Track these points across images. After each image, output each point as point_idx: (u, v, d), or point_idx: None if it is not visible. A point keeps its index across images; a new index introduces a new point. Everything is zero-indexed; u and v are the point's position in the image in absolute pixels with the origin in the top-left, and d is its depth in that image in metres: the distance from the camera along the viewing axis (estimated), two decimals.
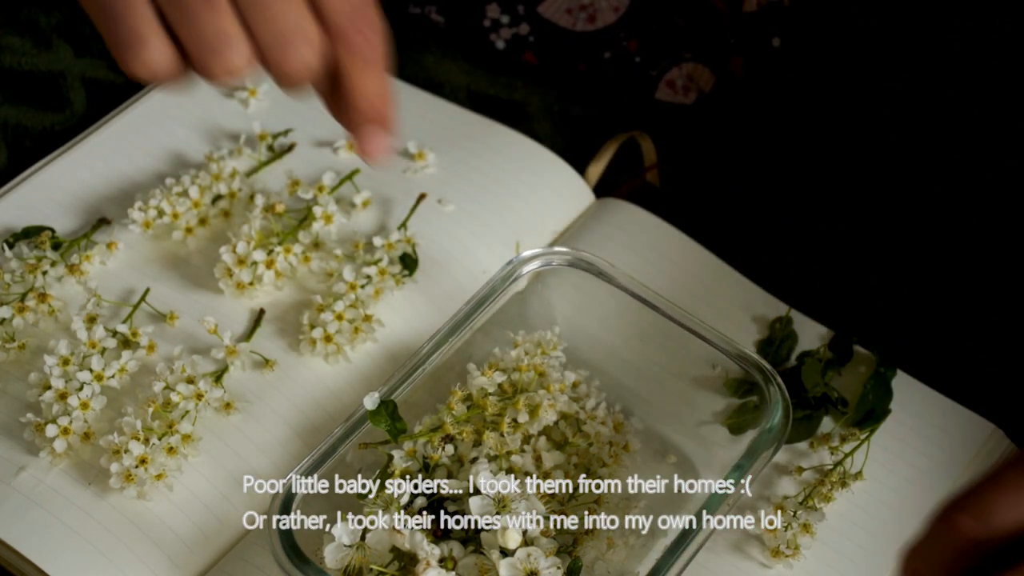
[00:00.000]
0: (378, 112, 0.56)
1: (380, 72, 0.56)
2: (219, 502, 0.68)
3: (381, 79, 0.56)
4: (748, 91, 0.88)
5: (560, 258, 0.72)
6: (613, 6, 0.88)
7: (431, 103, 0.87)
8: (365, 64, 0.55)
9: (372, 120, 0.57)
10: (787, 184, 0.86)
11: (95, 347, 0.71)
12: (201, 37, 0.52)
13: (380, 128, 0.57)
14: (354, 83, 0.56)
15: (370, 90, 0.56)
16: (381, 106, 0.56)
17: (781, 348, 0.76)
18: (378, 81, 0.56)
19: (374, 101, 0.56)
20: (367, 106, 0.56)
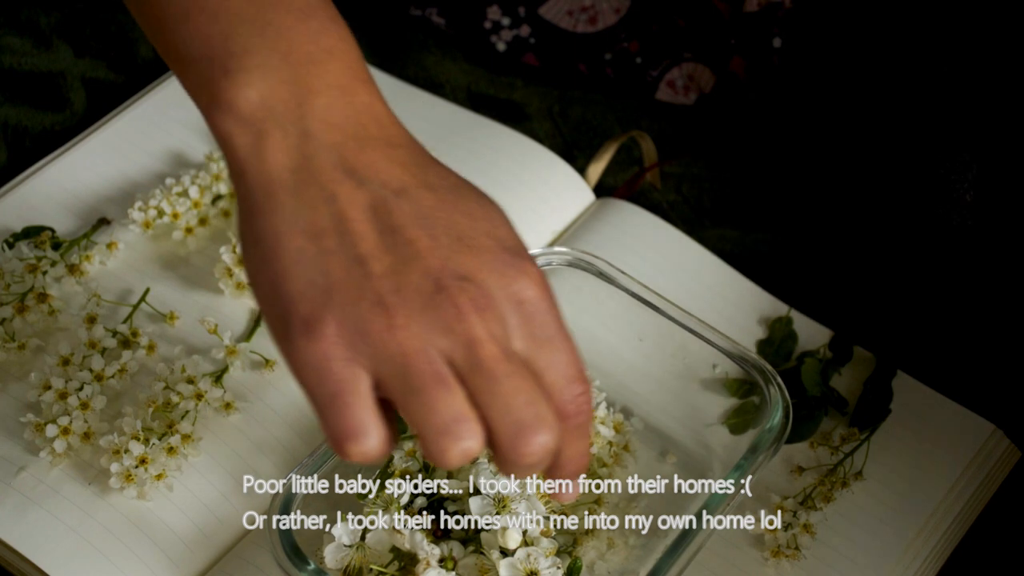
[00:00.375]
0: (581, 469, 0.55)
1: (587, 435, 0.55)
2: (219, 502, 0.68)
3: (586, 440, 0.55)
4: (748, 91, 0.88)
5: (560, 258, 0.72)
6: (614, 7, 0.88)
7: (431, 103, 0.87)
8: (578, 434, 0.54)
9: (572, 477, 0.55)
10: (787, 184, 0.86)
11: (95, 347, 0.71)
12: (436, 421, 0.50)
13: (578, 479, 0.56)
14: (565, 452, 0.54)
15: (578, 453, 0.54)
16: (584, 463, 0.55)
17: (781, 348, 0.76)
18: (585, 443, 0.55)
19: (580, 461, 0.55)
20: (573, 468, 0.55)
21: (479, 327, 0.51)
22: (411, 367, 0.50)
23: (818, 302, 0.79)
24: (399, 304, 0.50)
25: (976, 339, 0.79)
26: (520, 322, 0.52)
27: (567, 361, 0.53)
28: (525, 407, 0.51)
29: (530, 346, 0.52)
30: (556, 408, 0.52)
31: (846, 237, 0.84)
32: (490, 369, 0.50)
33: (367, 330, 0.50)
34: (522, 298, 0.52)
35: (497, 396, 0.51)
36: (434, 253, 0.52)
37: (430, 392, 0.50)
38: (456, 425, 0.50)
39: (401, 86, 0.88)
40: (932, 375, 0.76)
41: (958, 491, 0.71)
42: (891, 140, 0.83)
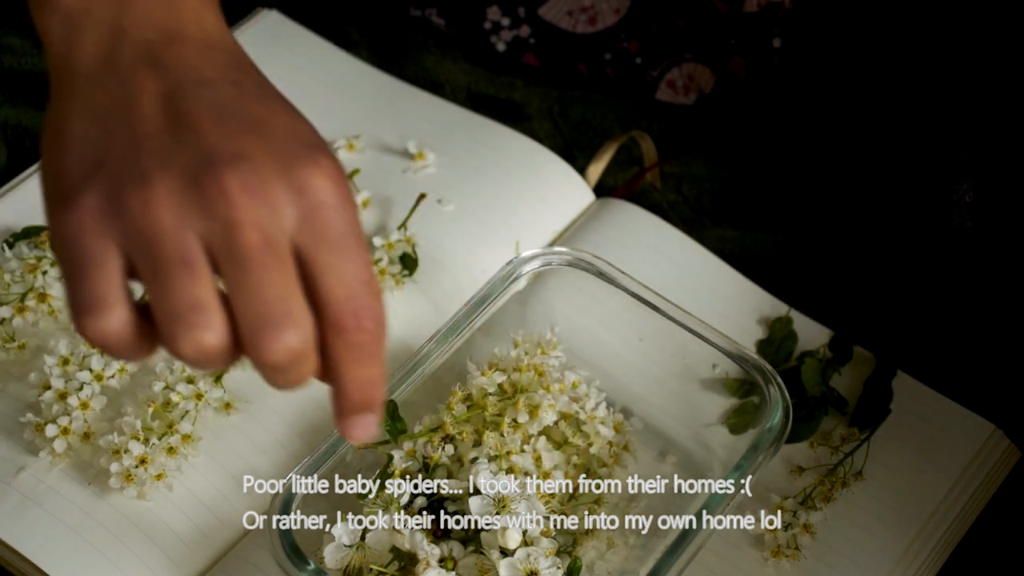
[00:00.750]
0: (368, 402, 0.51)
1: (376, 358, 0.50)
2: (219, 502, 0.68)
3: (376, 366, 0.50)
4: (748, 91, 0.88)
5: (560, 258, 0.72)
6: (614, 7, 0.88)
7: (431, 103, 0.87)
8: (360, 355, 0.49)
9: (361, 411, 0.51)
10: (787, 184, 0.86)
11: (95, 347, 0.71)
12: (173, 306, 0.47)
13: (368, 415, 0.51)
14: (346, 374, 0.50)
15: (364, 379, 0.50)
16: (373, 394, 0.51)
17: (781, 348, 0.76)
18: (373, 369, 0.50)
19: (366, 391, 0.50)
20: (359, 397, 0.50)
21: (242, 210, 0.47)
22: (157, 246, 0.47)
23: (818, 302, 0.79)
24: (161, 180, 0.47)
25: (976, 339, 0.79)
26: (301, 215, 0.48)
27: (354, 269, 0.49)
28: (273, 301, 0.47)
29: (310, 244, 0.48)
30: (331, 319, 0.48)
31: (846, 237, 0.84)
32: (244, 257, 0.47)
33: (123, 204, 0.47)
34: (306, 187, 0.48)
35: (245, 286, 0.47)
36: (215, 133, 0.48)
37: (171, 274, 0.47)
38: (192, 313, 0.47)
39: (401, 86, 0.88)
40: (932, 375, 0.76)
41: (958, 491, 0.71)
42: (891, 140, 0.83)
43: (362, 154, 0.84)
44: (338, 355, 0.49)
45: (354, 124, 0.86)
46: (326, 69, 0.89)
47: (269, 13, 0.91)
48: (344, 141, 0.84)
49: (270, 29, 0.90)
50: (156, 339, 0.48)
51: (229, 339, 0.48)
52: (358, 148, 0.84)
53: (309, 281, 0.48)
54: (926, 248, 0.82)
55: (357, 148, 0.84)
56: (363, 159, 0.84)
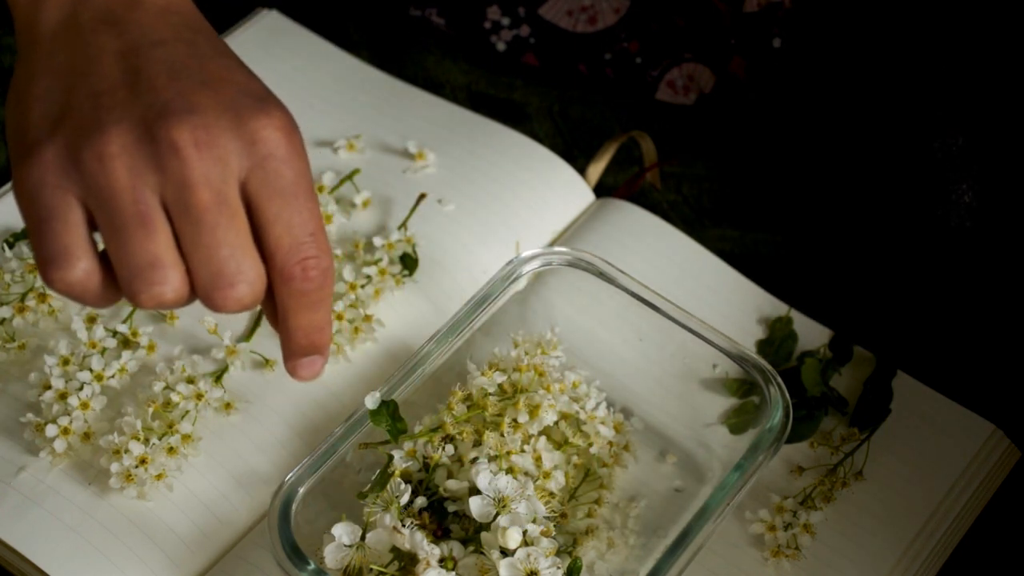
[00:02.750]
0: (314, 344, 0.54)
1: (322, 306, 0.53)
2: (219, 502, 0.68)
3: (322, 312, 0.53)
4: (748, 91, 0.88)
5: (560, 258, 0.72)
6: (614, 7, 0.88)
7: (431, 103, 0.87)
8: (307, 302, 0.52)
9: (307, 352, 0.54)
10: (787, 184, 0.86)
11: (95, 347, 0.71)
12: (132, 262, 0.49)
13: (314, 357, 0.54)
14: (292, 320, 0.52)
15: (310, 325, 0.53)
16: (318, 338, 0.53)
17: (781, 348, 0.76)
18: (318, 315, 0.53)
19: (312, 336, 0.53)
20: (305, 342, 0.53)
21: (194, 167, 0.49)
22: (115, 203, 0.49)
23: (818, 302, 0.79)
24: (115, 132, 0.49)
25: (976, 339, 0.79)
26: (251, 165, 0.50)
27: (300, 220, 0.51)
28: (226, 260, 0.49)
29: (260, 193, 0.50)
30: (278, 268, 0.51)
31: (846, 237, 0.84)
32: (197, 216, 0.49)
33: (80, 158, 0.49)
34: (256, 139, 0.50)
35: (199, 245, 0.49)
36: (168, 88, 0.50)
37: (129, 232, 0.49)
38: (150, 271, 0.49)
39: (401, 86, 0.88)
40: (932, 375, 0.76)
41: (958, 491, 0.71)
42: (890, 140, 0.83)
43: (362, 154, 0.84)
44: (285, 302, 0.52)
45: (354, 124, 0.86)
46: (326, 69, 0.89)
47: (269, 13, 0.91)
48: (344, 141, 0.84)
49: (270, 29, 0.90)
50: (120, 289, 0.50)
51: (186, 291, 0.50)
52: (358, 148, 0.84)
53: (258, 229, 0.51)
54: (926, 248, 0.82)
55: (357, 148, 0.84)
56: (363, 159, 0.84)
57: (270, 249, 0.51)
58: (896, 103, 0.84)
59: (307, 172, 0.52)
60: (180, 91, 0.50)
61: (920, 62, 0.82)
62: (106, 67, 0.51)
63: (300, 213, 0.51)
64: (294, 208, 0.51)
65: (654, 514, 0.69)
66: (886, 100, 0.84)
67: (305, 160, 0.52)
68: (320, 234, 0.52)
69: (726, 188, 0.86)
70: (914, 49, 0.83)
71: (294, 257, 0.51)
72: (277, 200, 0.50)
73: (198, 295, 0.50)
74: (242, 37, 0.89)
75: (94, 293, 0.50)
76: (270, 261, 0.51)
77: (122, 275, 0.49)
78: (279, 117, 0.51)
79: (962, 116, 0.80)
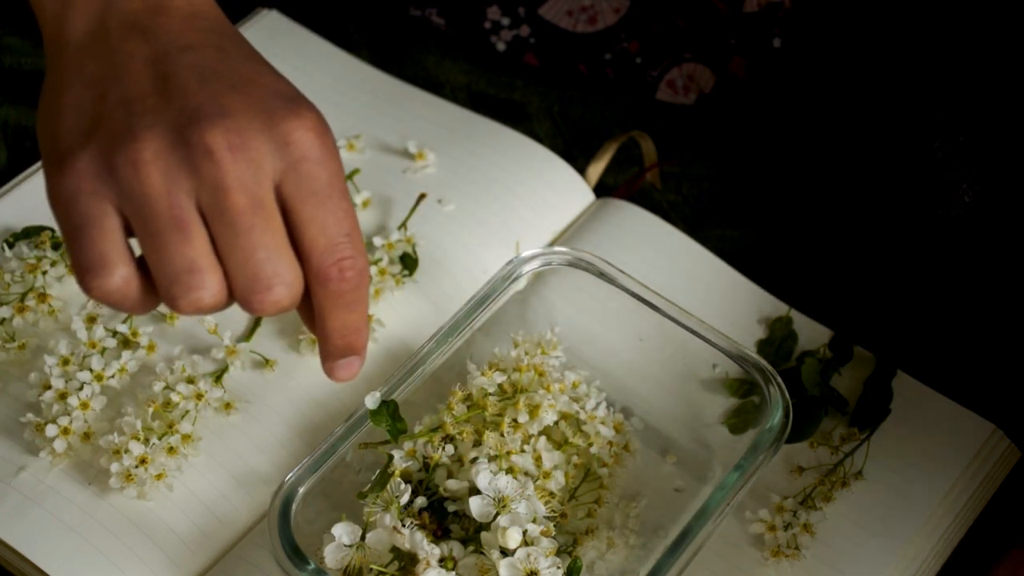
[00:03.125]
0: (351, 347, 0.54)
1: (357, 306, 0.52)
2: (219, 502, 0.68)
3: (357, 313, 0.53)
4: (748, 91, 0.88)
5: (560, 258, 0.72)
6: (614, 7, 0.88)
7: (431, 103, 0.87)
8: (343, 304, 0.52)
9: (344, 354, 0.54)
10: (787, 184, 0.86)
11: (95, 347, 0.71)
12: (169, 268, 0.49)
13: (351, 358, 0.54)
14: (329, 321, 0.52)
15: (346, 326, 0.53)
16: (355, 340, 0.53)
17: (781, 348, 0.76)
18: (355, 316, 0.53)
19: (349, 337, 0.53)
20: (342, 343, 0.53)
21: (229, 171, 0.49)
22: (151, 208, 0.49)
23: (818, 302, 0.79)
24: (148, 138, 0.49)
25: (976, 339, 0.79)
26: (285, 167, 0.50)
27: (335, 220, 0.51)
28: (263, 263, 0.49)
29: (294, 195, 0.50)
30: (314, 270, 0.51)
31: (846, 237, 0.84)
32: (232, 219, 0.49)
33: (114, 165, 0.49)
34: (289, 140, 0.50)
35: (236, 248, 0.49)
36: (199, 93, 0.50)
37: (165, 238, 0.49)
38: (188, 276, 0.49)
39: (401, 86, 0.88)
40: (932, 375, 0.76)
41: (958, 491, 0.71)
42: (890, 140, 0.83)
43: (362, 154, 0.84)
44: (321, 303, 0.52)
45: (354, 124, 0.86)
46: (326, 69, 0.89)
47: (269, 13, 0.91)
48: (344, 141, 0.84)
49: (270, 29, 0.90)
50: (158, 295, 0.50)
51: (224, 295, 0.50)
52: (358, 148, 0.84)
53: (294, 231, 0.51)
54: (926, 248, 0.82)
55: (357, 148, 0.84)
56: (363, 159, 0.84)
57: (306, 251, 0.51)
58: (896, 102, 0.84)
59: (340, 172, 0.52)
60: (211, 95, 0.50)
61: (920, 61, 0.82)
62: (136, 74, 0.51)
63: (335, 214, 0.51)
64: (329, 209, 0.51)
65: (654, 514, 0.69)
66: (886, 99, 0.84)
67: (338, 160, 0.52)
68: (356, 234, 0.52)
69: (726, 188, 0.86)
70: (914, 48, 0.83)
71: (330, 258, 0.51)
72: (312, 201, 0.50)
73: (236, 298, 0.51)
74: None
75: (133, 300, 0.50)
76: (306, 263, 0.51)
77: (160, 281, 0.49)
78: (311, 119, 0.51)
79: (963, 115, 0.80)
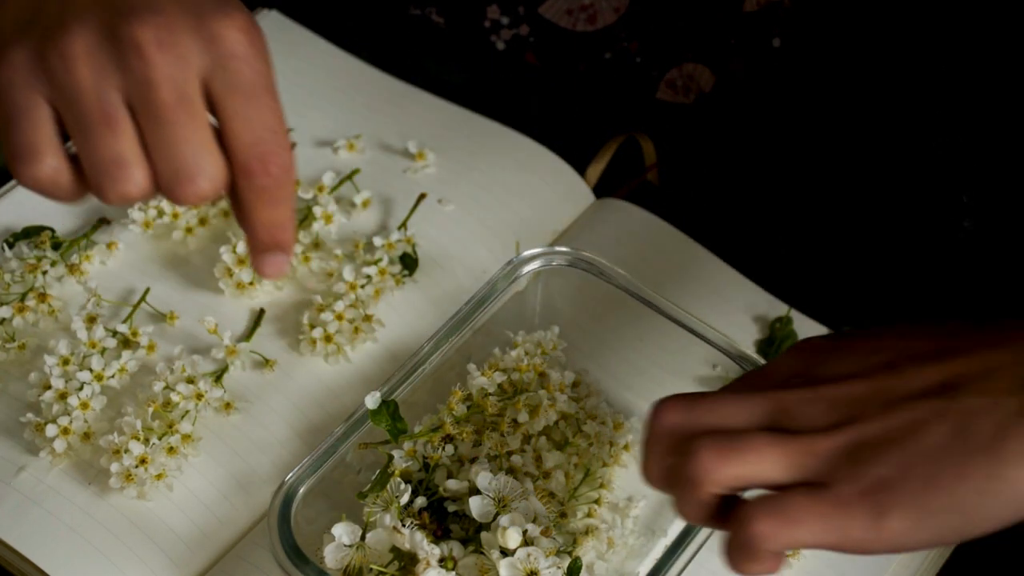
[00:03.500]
0: (277, 242, 0.55)
1: (282, 203, 0.54)
2: (219, 502, 0.69)
3: (283, 209, 0.54)
4: (748, 91, 0.88)
5: (560, 258, 0.72)
6: (613, 7, 0.88)
7: (431, 103, 0.87)
8: (267, 198, 0.53)
9: (270, 249, 0.55)
10: (787, 184, 0.86)
11: (95, 347, 0.71)
12: (98, 160, 0.51)
13: (278, 254, 0.56)
14: (254, 215, 0.54)
15: (271, 221, 0.54)
16: (281, 235, 0.55)
17: (781, 348, 0.76)
18: (279, 212, 0.54)
19: (274, 232, 0.55)
20: (267, 237, 0.55)
21: (156, 66, 0.50)
22: (80, 102, 0.51)
23: (818, 302, 0.79)
24: (79, 33, 0.51)
25: None
26: (212, 64, 0.52)
27: (260, 117, 0.53)
28: (188, 156, 0.51)
29: (221, 91, 0.52)
30: (238, 164, 0.52)
31: (846, 237, 0.84)
32: (158, 114, 0.51)
33: (46, 58, 0.51)
34: (217, 38, 0.52)
35: (161, 142, 0.51)
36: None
37: (94, 131, 0.51)
38: (116, 168, 0.51)
39: (401, 86, 0.88)
40: None
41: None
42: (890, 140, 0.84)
43: (362, 154, 0.84)
44: (246, 197, 0.53)
45: (354, 124, 0.86)
46: (326, 69, 0.89)
47: (269, 13, 0.91)
48: (344, 141, 0.84)
49: (270, 29, 0.90)
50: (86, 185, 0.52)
51: (151, 187, 0.52)
52: (358, 148, 0.84)
53: (220, 126, 0.52)
54: (925, 248, 0.82)
55: (357, 148, 0.84)
56: (363, 159, 0.84)
57: (231, 145, 0.52)
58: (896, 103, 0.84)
59: (267, 72, 0.53)
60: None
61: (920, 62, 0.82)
62: None
63: (259, 110, 0.53)
64: (254, 105, 0.52)
65: (654, 514, 0.69)
66: (886, 100, 0.84)
67: (266, 60, 0.53)
68: (281, 131, 0.53)
69: (726, 188, 0.86)
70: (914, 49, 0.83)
71: (254, 152, 0.52)
72: (237, 97, 0.52)
73: (161, 189, 0.52)
74: None
75: (64, 188, 0.52)
76: (232, 157, 0.53)
77: (89, 173, 0.51)
78: (239, 18, 0.53)
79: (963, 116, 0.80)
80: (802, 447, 0.50)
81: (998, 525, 0.48)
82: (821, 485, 0.49)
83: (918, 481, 0.48)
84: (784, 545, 0.49)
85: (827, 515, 0.48)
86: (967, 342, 0.50)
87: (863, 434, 0.49)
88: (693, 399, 0.53)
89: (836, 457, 0.49)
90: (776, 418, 0.51)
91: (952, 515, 0.47)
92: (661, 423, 0.53)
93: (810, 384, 0.51)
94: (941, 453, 0.48)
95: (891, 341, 0.52)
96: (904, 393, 0.49)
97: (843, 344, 0.53)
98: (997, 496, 0.47)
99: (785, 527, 0.48)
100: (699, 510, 0.52)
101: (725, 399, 0.52)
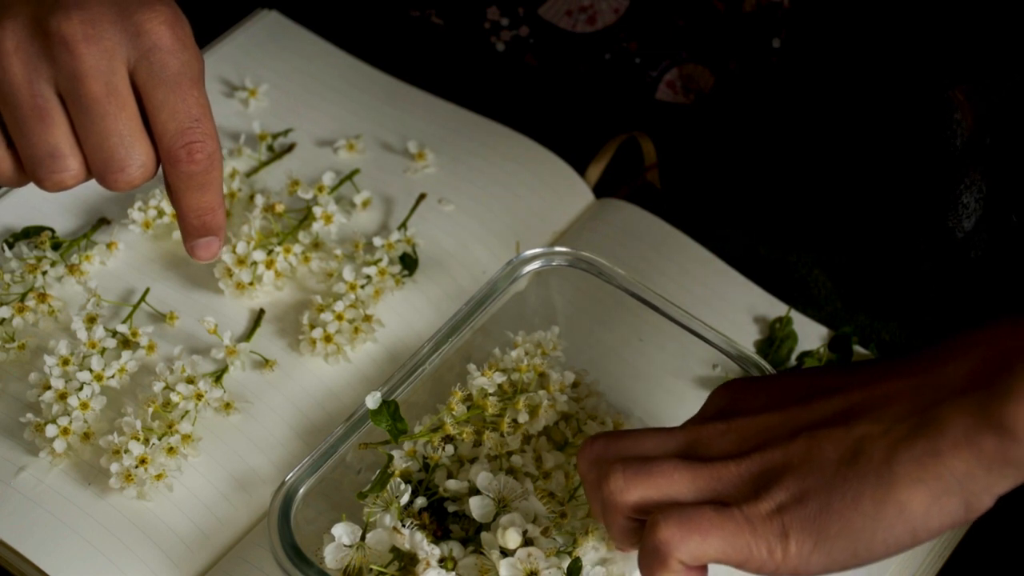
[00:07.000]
0: (206, 225, 0.58)
1: (209, 189, 0.57)
2: (219, 502, 0.69)
3: (210, 194, 0.57)
4: (748, 91, 0.88)
5: (560, 258, 0.72)
6: (613, 7, 0.88)
7: (431, 103, 0.87)
8: (194, 184, 0.56)
9: (201, 233, 0.58)
10: (787, 184, 0.86)
11: (95, 347, 0.71)
12: (34, 152, 0.54)
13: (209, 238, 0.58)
14: (183, 201, 0.57)
15: (199, 206, 0.57)
16: (210, 219, 0.58)
17: (781, 348, 0.76)
18: (207, 197, 0.57)
19: (203, 216, 0.57)
20: (197, 223, 0.57)
21: (84, 59, 0.53)
22: (14, 97, 0.53)
23: (818, 302, 0.79)
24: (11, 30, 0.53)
25: None
26: (138, 56, 0.54)
27: (184, 107, 0.55)
28: (116, 146, 0.54)
29: (147, 83, 0.54)
30: (165, 152, 0.55)
31: (847, 237, 0.84)
32: (88, 106, 0.53)
33: None
34: (141, 31, 0.54)
35: (92, 133, 0.54)
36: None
37: (29, 125, 0.53)
38: (51, 160, 0.54)
39: (401, 86, 0.88)
40: None
41: None
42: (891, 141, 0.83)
43: (362, 154, 0.84)
44: (175, 184, 0.56)
45: (354, 124, 0.86)
46: (326, 69, 0.89)
47: (269, 13, 0.91)
48: (344, 141, 0.84)
49: (270, 29, 0.90)
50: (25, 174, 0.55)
51: (84, 174, 0.55)
52: (358, 148, 0.84)
53: (148, 116, 0.55)
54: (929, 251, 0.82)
55: (357, 148, 0.84)
56: (363, 159, 0.84)
57: (158, 134, 0.55)
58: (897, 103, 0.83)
59: (192, 63, 0.55)
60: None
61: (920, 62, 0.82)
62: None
63: (184, 101, 0.55)
64: (178, 96, 0.55)
65: None
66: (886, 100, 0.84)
67: (191, 51, 0.55)
68: (205, 121, 0.55)
69: (726, 188, 0.86)
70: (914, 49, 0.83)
71: (179, 141, 0.55)
72: (162, 89, 0.54)
73: (94, 177, 0.55)
74: (242, 37, 0.89)
75: (6, 176, 0.55)
76: (159, 145, 0.55)
77: (26, 163, 0.54)
78: (163, 11, 0.54)
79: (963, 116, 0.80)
80: (710, 471, 0.51)
81: (896, 549, 0.49)
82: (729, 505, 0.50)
83: (815, 506, 0.49)
84: (691, 555, 0.50)
85: (732, 532, 0.50)
86: (875, 375, 0.51)
87: (767, 461, 0.51)
88: (617, 434, 0.56)
89: (742, 482, 0.51)
90: (692, 448, 0.53)
91: (848, 540, 0.49)
92: (585, 456, 0.56)
93: (726, 418, 0.54)
94: (835, 479, 0.49)
95: (807, 379, 0.53)
96: (807, 422, 0.51)
97: (763, 383, 0.55)
98: (888, 520, 0.48)
99: (690, 535, 0.50)
100: (621, 534, 0.54)
101: (646, 433, 0.55)
